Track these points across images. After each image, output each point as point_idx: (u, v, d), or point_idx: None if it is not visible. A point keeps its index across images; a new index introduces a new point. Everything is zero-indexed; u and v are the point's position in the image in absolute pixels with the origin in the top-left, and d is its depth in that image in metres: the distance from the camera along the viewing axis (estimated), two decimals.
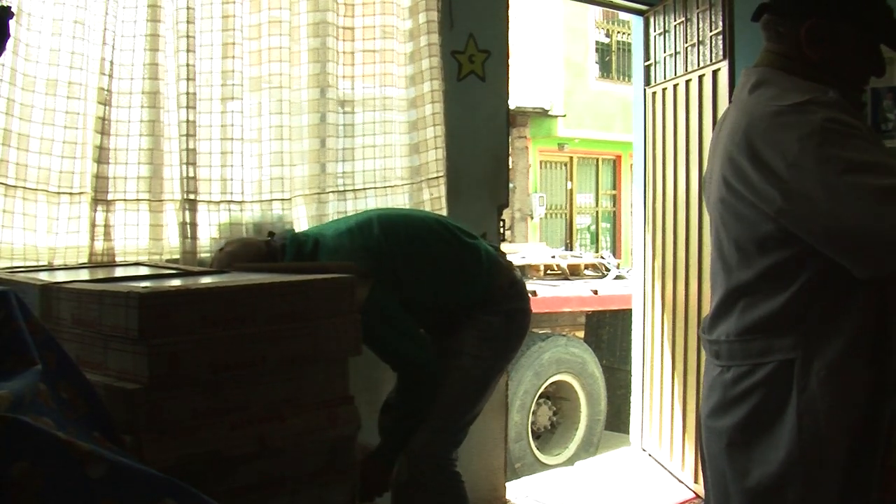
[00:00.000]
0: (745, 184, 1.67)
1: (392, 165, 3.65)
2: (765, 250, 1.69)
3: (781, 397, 1.68)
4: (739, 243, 1.74)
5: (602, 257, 8.24)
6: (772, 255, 1.68)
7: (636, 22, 5.09)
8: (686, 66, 4.50)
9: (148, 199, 3.11)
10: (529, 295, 2.99)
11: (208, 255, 3.13)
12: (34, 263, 2.84)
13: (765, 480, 1.71)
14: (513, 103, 4.45)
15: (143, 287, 1.91)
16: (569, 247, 15.03)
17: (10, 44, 2.64)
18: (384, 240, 2.71)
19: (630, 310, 5.51)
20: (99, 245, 3.00)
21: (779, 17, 1.80)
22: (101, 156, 2.98)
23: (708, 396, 1.86)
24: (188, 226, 3.13)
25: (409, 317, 2.69)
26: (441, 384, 2.69)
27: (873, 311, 1.64)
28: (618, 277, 7.26)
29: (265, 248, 2.73)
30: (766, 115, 1.66)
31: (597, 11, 15.50)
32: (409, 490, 2.70)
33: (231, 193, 3.27)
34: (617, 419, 6.68)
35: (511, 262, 3.01)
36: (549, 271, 7.27)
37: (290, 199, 3.40)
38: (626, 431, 5.53)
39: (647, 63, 4.96)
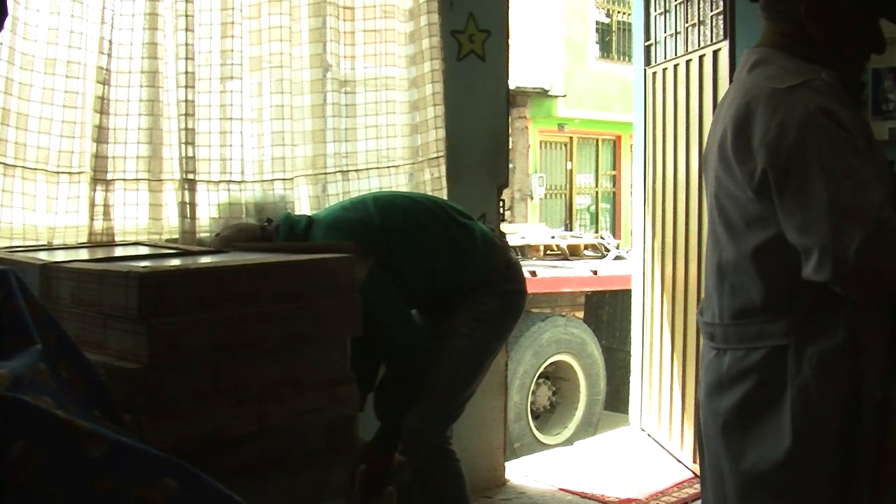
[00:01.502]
0: (736, 161, 1.68)
1: (393, 146, 3.65)
2: (751, 229, 1.70)
3: (775, 382, 1.68)
4: (730, 221, 1.75)
5: (602, 238, 8.24)
6: (757, 234, 1.69)
7: (637, 2, 5.08)
8: (686, 47, 4.48)
9: (147, 179, 3.11)
10: (525, 276, 2.99)
11: (207, 234, 3.14)
12: (33, 243, 2.85)
13: (759, 464, 1.72)
14: (513, 83, 4.43)
15: (142, 267, 1.92)
16: (568, 227, 14.99)
17: (8, 22, 2.63)
18: (379, 217, 2.72)
19: (629, 290, 5.51)
20: (98, 225, 3.01)
21: None
22: (101, 135, 2.98)
23: (704, 377, 1.86)
24: (187, 205, 3.13)
25: (402, 300, 2.69)
26: (435, 364, 2.70)
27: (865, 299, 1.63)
28: (617, 258, 7.26)
29: (260, 232, 2.75)
30: (760, 96, 1.66)
31: None
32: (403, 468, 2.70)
33: (230, 173, 3.27)
34: (616, 399, 6.70)
35: (507, 244, 3.00)
36: (548, 252, 7.28)
37: (291, 178, 3.39)
38: (626, 411, 5.54)
39: (647, 43, 4.94)
